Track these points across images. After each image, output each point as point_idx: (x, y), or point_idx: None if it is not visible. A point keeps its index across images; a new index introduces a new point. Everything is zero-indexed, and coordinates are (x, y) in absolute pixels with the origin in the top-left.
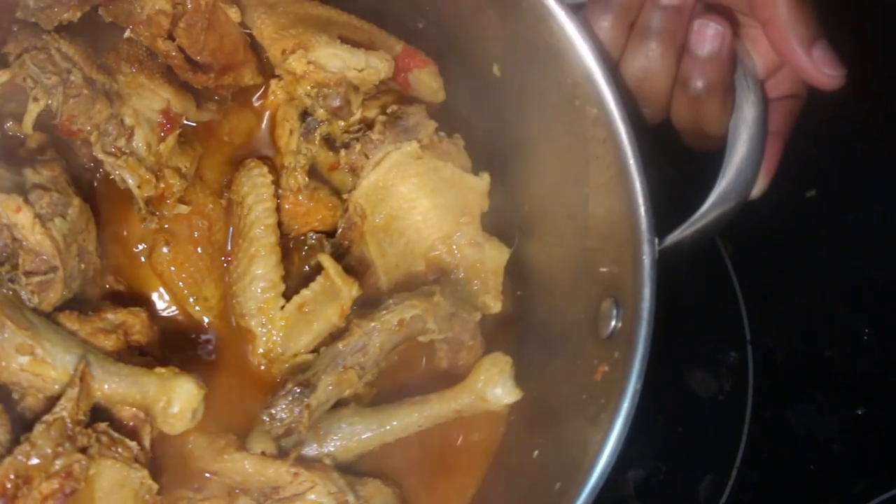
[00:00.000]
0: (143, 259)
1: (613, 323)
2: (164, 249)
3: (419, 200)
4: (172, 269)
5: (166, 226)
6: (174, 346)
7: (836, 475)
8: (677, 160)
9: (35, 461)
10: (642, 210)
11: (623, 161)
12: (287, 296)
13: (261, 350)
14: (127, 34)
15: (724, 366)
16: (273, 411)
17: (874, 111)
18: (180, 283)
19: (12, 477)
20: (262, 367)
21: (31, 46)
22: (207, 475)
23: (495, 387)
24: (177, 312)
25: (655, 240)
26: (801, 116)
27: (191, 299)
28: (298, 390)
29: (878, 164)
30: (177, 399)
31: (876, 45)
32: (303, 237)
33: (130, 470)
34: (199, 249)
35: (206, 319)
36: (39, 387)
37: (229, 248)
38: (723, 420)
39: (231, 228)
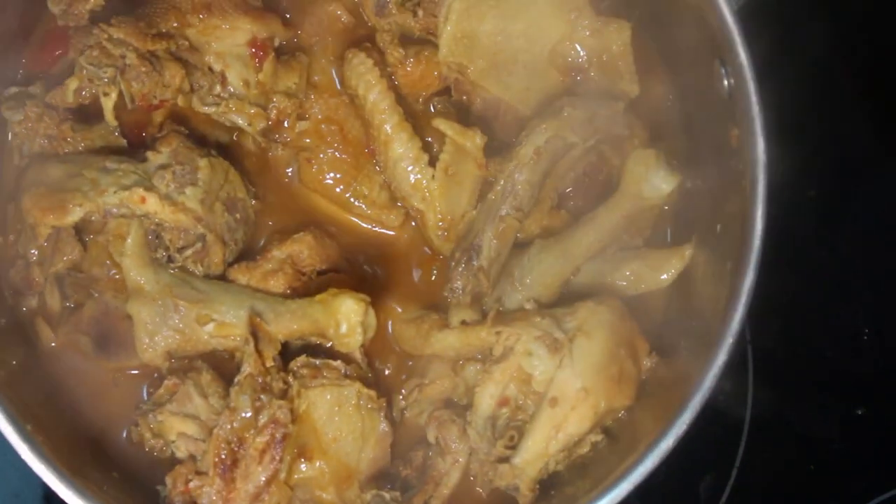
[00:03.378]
0: (297, 182)
1: (726, 81)
2: (315, 167)
3: (511, 26)
4: (322, 179)
5: (306, 140)
6: (356, 251)
7: (836, 475)
8: None
9: (239, 423)
10: None
11: None
12: None
13: (436, 223)
14: None
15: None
16: (453, 286)
17: (874, 111)
18: (337, 190)
19: (224, 446)
20: (442, 237)
21: (84, 46)
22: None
23: (650, 180)
24: (346, 220)
25: None
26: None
27: (352, 200)
28: (466, 257)
29: (878, 164)
30: (343, 318)
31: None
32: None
33: (341, 388)
34: (338, 154)
35: (368, 211)
36: (234, 346)
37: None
38: (723, 420)
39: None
